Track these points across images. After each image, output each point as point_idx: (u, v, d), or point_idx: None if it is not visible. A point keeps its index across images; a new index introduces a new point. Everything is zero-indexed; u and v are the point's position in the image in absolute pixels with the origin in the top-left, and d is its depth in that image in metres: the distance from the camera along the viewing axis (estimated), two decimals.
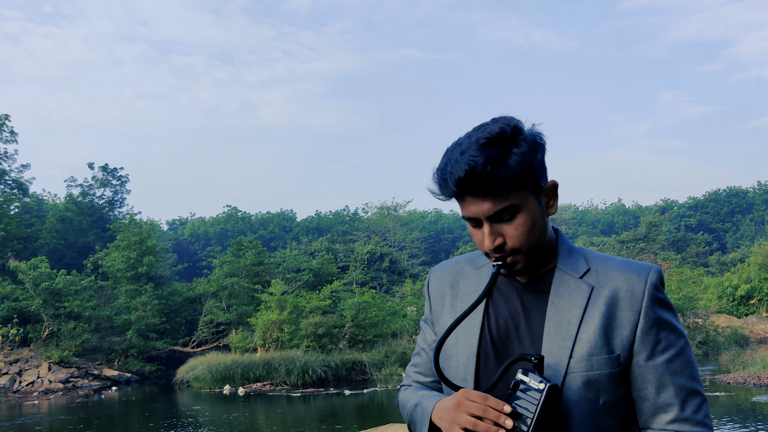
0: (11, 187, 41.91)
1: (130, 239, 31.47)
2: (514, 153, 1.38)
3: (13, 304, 25.95)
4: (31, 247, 36.77)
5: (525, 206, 1.41)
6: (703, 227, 72.57)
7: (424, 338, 1.70)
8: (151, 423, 16.83)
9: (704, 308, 28.93)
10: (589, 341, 1.40)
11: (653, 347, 1.42)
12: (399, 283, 42.25)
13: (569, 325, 1.42)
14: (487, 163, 1.35)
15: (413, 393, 1.64)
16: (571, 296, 1.45)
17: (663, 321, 1.43)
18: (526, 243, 1.42)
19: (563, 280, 1.48)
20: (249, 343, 25.69)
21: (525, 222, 1.41)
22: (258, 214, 76.71)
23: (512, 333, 1.48)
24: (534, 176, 1.42)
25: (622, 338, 1.41)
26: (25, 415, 18.25)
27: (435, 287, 1.68)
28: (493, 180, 1.36)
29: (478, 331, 1.51)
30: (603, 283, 1.45)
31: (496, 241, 1.42)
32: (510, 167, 1.37)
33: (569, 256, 1.51)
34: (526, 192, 1.41)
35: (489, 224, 1.42)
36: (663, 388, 1.41)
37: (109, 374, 25.50)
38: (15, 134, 41.14)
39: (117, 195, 47.40)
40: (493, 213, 1.40)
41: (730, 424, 12.58)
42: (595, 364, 1.39)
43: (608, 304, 1.43)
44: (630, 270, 1.46)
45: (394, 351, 25.11)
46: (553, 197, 1.48)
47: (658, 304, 1.43)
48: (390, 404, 18.14)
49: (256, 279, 32.57)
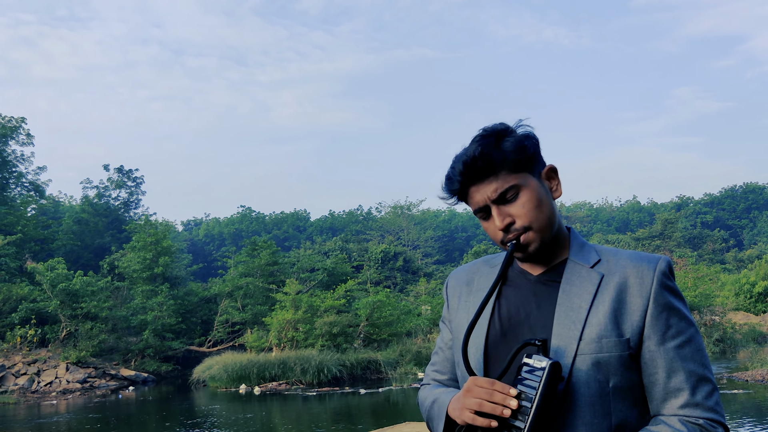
0: (28, 190, 42.30)
1: (146, 240, 31.67)
2: (507, 140, 1.51)
3: (31, 305, 26.18)
4: (48, 248, 37.12)
5: (527, 186, 1.50)
6: (720, 224, 72.02)
7: (441, 338, 1.77)
8: (167, 422, 16.93)
9: (721, 305, 28.70)
10: (599, 324, 1.44)
11: (664, 332, 1.44)
12: (413, 282, 42.24)
13: (579, 310, 1.46)
14: (482, 149, 1.48)
15: (431, 391, 1.70)
16: (582, 284, 1.50)
17: (673, 307, 1.46)
18: (536, 219, 1.50)
19: (575, 269, 1.53)
20: (264, 342, 25.78)
21: (530, 199, 1.50)
22: (272, 214, 77.01)
23: (523, 321, 1.53)
24: (529, 159, 1.52)
25: (632, 323, 1.45)
26: (44, 416, 18.42)
27: (452, 287, 1.75)
28: (489, 162, 1.48)
29: (486, 322, 1.57)
30: (613, 271, 1.50)
31: (506, 220, 1.50)
32: (504, 150, 1.49)
33: (581, 249, 1.57)
34: (525, 173, 1.51)
35: (496, 207, 1.51)
36: (674, 373, 1.43)
37: (126, 374, 25.68)
38: (31, 137, 41.52)
39: (132, 196, 47.72)
40: (496, 195, 1.49)
41: (748, 421, 12.48)
42: (605, 346, 1.43)
43: (618, 290, 1.47)
44: (640, 259, 1.51)
45: (408, 350, 25.11)
46: (554, 180, 1.57)
47: (668, 291, 1.47)
48: (405, 403, 18.14)
49: (271, 279, 32.68)
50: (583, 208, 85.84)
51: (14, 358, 24.80)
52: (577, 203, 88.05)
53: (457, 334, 1.65)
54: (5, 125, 40.32)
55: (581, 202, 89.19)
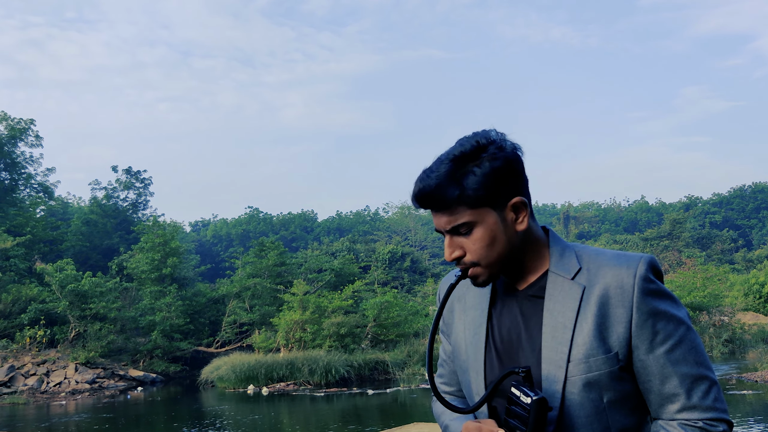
0: (37, 191, 42.51)
1: (154, 241, 31.77)
2: (472, 172, 1.43)
3: (40, 306, 26.31)
4: (57, 249, 37.28)
5: (482, 223, 1.45)
6: (729, 224, 71.67)
7: (443, 350, 1.76)
8: (176, 423, 16.98)
9: (730, 306, 28.56)
10: (584, 344, 1.42)
11: (651, 340, 1.41)
12: (420, 282, 42.22)
13: (564, 330, 1.44)
14: (437, 181, 1.43)
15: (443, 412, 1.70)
16: (565, 299, 1.46)
17: (658, 312, 1.42)
18: (485, 257, 1.47)
19: (556, 283, 1.49)
20: (272, 343, 25.82)
21: (482, 237, 1.45)
22: (279, 215, 77.10)
23: (515, 343, 1.51)
24: (493, 194, 1.44)
25: (618, 335, 1.42)
26: (53, 416, 18.50)
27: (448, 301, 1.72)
28: (443, 198, 1.43)
29: (483, 346, 1.55)
30: (594, 282, 1.45)
31: (454, 253, 1.48)
32: (464, 186, 1.43)
33: (562, 256, 1.52)
34: (485, 208, 1.45)
35: (449, 237, 1.48)
36: (666, 379, 1.41)
37: (135, 375, 25.77)
38: (40, 138, 41.71)
39: (140, 197, 47.86)
40: (449, 228, 1.46)
41: (757, 422, 12.42)
42: (593, 365, 1.41)
43: (599, 304, 1.43)
44: (619, 263, 1.45)
45: (416, 351, 25.09)
46: (522, 213, 1.48)
47: (651, 296, 1.42)
48: (413, 404, 18.14)
49: (279, 279, 32.73)
50: (591, 209, 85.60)
51: (24, 358, 24.93)
52: (585, 203, 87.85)
53: (457, 353, 1.63)
54: (14, 127, 40.52)
55: (589, 202, 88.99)
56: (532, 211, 1.53)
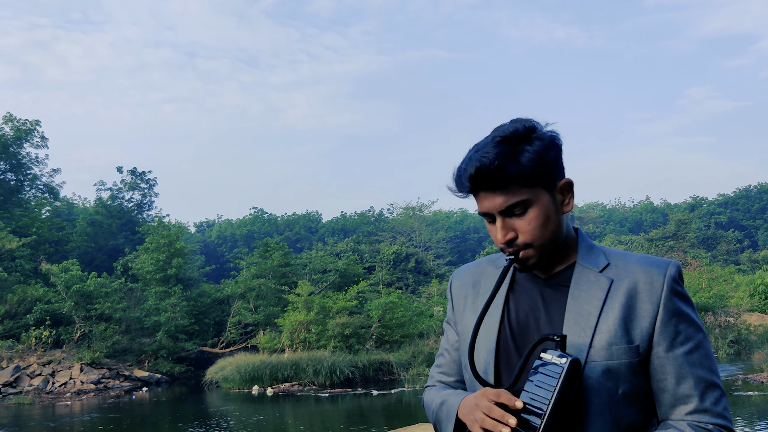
0: (42, 192, 42.64)
1: (159, 242, 31.83)
2: (526, 150, 1.44)
3: (46, 307, 26.38)
4: (63, 250, 37.38)
5: (537, 202, 1.46)
6: (734, 224, 71.48)
7: (446, 339, 1.75)
8: (180, 423, 17.01)
9: (736, 307, 28.48)
10: (608, 331, 1.43)
11: (673, 338, 1.44)
12: (425, 283, 42.21)
13: (589, 316, 1.45)
14: (496, 159, 1.42)
15: (437, 392, 1.68)
16: (591, 289, 1.48)
17: (682, 313, 1.45)
18: (539, 237, 1.47)
19: (583, 274, 1.51)
20: (277, 343, 25.84)
21: (537, 217, 1.46)
22: (284, 216, 77.21)
23: (532, 325, 1.51)
24: (546, 173, 1.46)
25: (642, 329, 1.44)
26: (59, 416, 18.55)
27: (457, 288, 1.72)
28: (502, 175, 1.42)
29: (497, 326, 1.55)
30: (622, 276, 1.48)
31: (508, 235, 1.47)
32: (521, 163, 1.43)
33: (589, 252, 1.55)
34: (538, 188, 1.46)
35: (501, 218, 1.47)
36: (683, 379, 1.43)
37: (140, 375, 25.82)
38: (45, 139, 41.84)
39: (145, 198, 47.96)
40: (504, 208, 1.45)
41: (762, 423, 12.38)
42: (615, 353, 1.42)
43: (628, 296, 1.45)
44: (649, 264, 1.49)
45: (421, 351, 25.10)
46: (568, 195, 1.52)
47: (677, 297, 1.46)
48: (418, 404, 18.13)
49: (283, 280, 32.76)
50: (595, 209, 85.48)
51: (29, 359, 25.00)
52: (590, 204, 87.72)
53: (465, 337, 1.63)
54: (20, 128, 40.65)
55: (594, 202, 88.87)
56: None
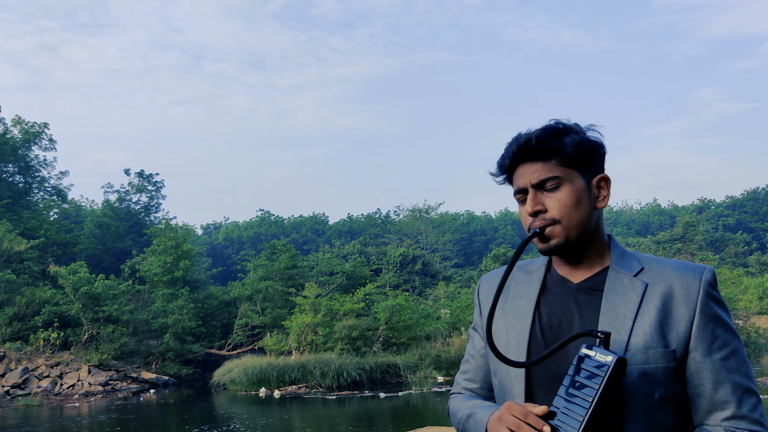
0: (51, 194, 42.83)
1: (166, 244, 31.89)
2: (571, 135, 1.51)
3: (54, 309, 26.45)
4: (70, 252, 37.50)
5: (571, 182, 1.49)
6: (742, 227, 71.12)
7: (473, 345, 1.73)
8: (188, 425, 17.02)
9: (744, 309, 28.38)
10: (645, 335, 1.42)
11: (710, 343, 1.42)
12: (432, 285, 42.17)
13: (624, 320, 1.44)
14: (541, 133, 1.50)
15: (464, 402, 1.65)
16: (626, 293, 1.47)
17: (719, 318, 1.44)
18: (567, 216, 1.48)
19: (617, 278, 1.50)
20: (284, 346, 25.84)
21: (568, 196, 1.48)
22: (291, 218, 77.26)
23: (565, 330, 1.49)
24: (585, 158, 1.50)
25: (678, 333, 1.42)
26: (67, 418, 18.60)
27: (485, 294, 1.71)
28: (543, 146, 1.48)
29: (528, 331, 1.53)
30: (657, 280, 1.47)
31: (537, 206, 1.49)
32: (563, 142, 1.49)
33: (622, 257, 1.54)
34: (575, 171, 1.49)
35: (533, 192, 1.50)
36: (720, 385, 1.41)
37: (147, 377, 25.86)
38: (54, 142, 42.04)
39: (153, 200, 48.11)
40: (537, 181, 1.49)
41: None
42: (651, 357, 1.40)
43: (663, 300, 1.44)
44: (684, 269, 1.48)
45: (428, 354, 25.06)
46: (603, 191, 1.54)
47: (714, 301, 1.45)
48: (425, 407, 18.11)
49: (290, 282, 32.78)
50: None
51: (37, 360, 25.07)
52: None
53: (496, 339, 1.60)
54: (28, 130, 40.84)
55: None
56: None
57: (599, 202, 1.52)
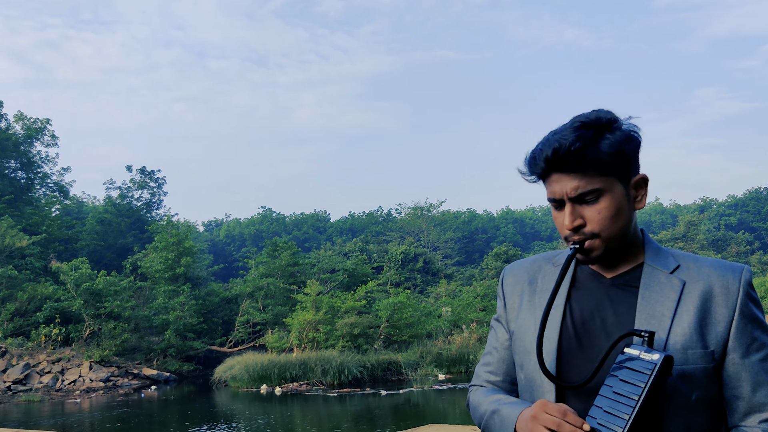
0: (52, 190, 42.86)
1: (168, 240, 31.90)
2: (606, 137, 1.40)
3: (55, 305, 26.47)
4: (72, 248, 37.51)
5: (610, 192, 1.41)
6: (744, 226, 71.03)
7: (495, 337, 1.67)
8: (188, 422, 17.03)
9: None
10: (684, 334, 1.38)
11: (749, 345, 1.40)
12: (433, 283, 42.16)
13: (662, 318, 1.40)
14: (577, 140, 1.38)
15: (487, 396, 1.59)
16: (663, 290, 1.43)
17: (757, 319, 1.42)
18: (607, 229, 1.42)
19: (653, 275, 1.46)
20: (285, 343, 25.85)
21: (608, 207, 1.41)
22: (292, 215, 77.28)
23: (598, 325, 1.45)
24: (624, 164, 1.42)
25: (717, 334, 1.39)
26: (68, 414, 18.61)
27: (510, 285, 1.66)
28: (580, 158, 1.38)
29: (558, 326, 1.48)
30: (695, 279, 1.43)
31: (576, 221, 1.42)
32: (600, 150, 1.39)
33: (657, 254, 1.49)
34: (613, 178, 1.42)
35: (571, 204, 1.42)
36: (759, 387, 1.38)
37: (149, 373, 25.88)
38: (56, 138, 42.06)
39: (154, 197, 48.11)
40: (576, 194, 1.40)
41: None
42: (690, 358, 1.37)
43: (703, 299, 1.41)
44: (723, 268, 1.45)
45: (429, 351, 25.07)
46: (642, 191, 1.47)
47: (752, 302, 1.42)
48: (426, 405, 18.11)
49: (292, 279, 32.78)
50: None
51: (39, 356, 25.10)
52: None
53: (521, 335, 1.55)
54: (30, 126, 40.86)
55: None
56: None
57: (637, 204, 1.46)
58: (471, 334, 26.55)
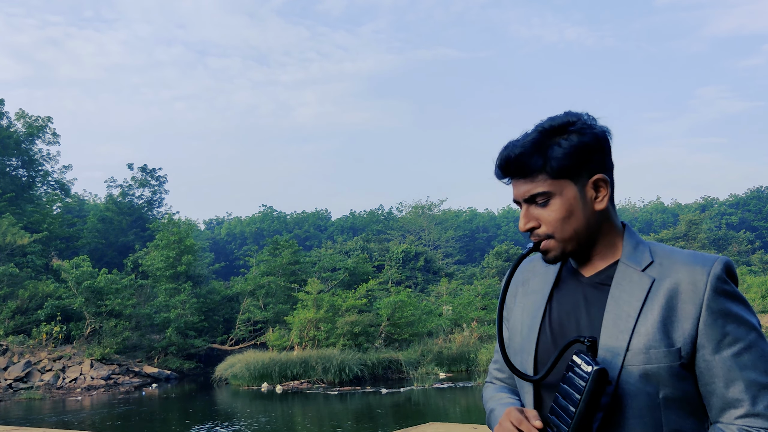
0: (54, 188, 42.91)
1: (169, 239, 31.92)
2: (558, 144, 1.45)
3: (57, 303, 26.51)
4: (73, 246, 37.57)
5: (561, 195, 1.46)
6: (745, 225, 70.97)
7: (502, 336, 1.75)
8: (189, 420, 17.05)
9: None
10: (647, 334, 1.39)
11: (719, 340, 1.38)
12: (434, 282, 42.16)
13: (627, 318, 1.41)
14: (522, 148, 1.45)
15: (492, 394, 1.72)
16: (632, 289, 1.44)
17: (729, 313, 1.39)
18: (560, 231, 1.47)
19: (626, 273, 1.47)
20: (286, 341, 25.87)
21: (559, 209, 1.46)
22: (293, 214, 77.24)
23: (573, 327, 1.49)
24: (577, 166, 1.45)
25: (684, 331, 1.39)
26: (69, 411, 18.64)
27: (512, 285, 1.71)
28: (525, 165, 1.45)
29: (537, 327, 1.54)
30: (665, 276, 1.43)
31: (529, 223, 1.49)
32: (548, 156, 1.44)
33: (635, 249, 1.50)
34: (565, 181, 1.46)
35: (525, 206, 1.49)
36: (732, 382, 1.37)
37: (149, 371, 25.91)
38: (57, 136, 42.11)
39: (155, 195, 48.15)
40: (527, 197, 1.48)
41: None
42: (653, 357, 1.37)
43: (668, 297, 1.41)
44: (694, 262, 1.43)
45: (430, 350, 25.08)
46: (602, 191, 1.48)
47: (723, 296, 1.39)
48: (427, 403, 18.12)
49: (293, 278, 32.80)
50: None
51: (40, 354, 25.14)
52: None
53: (513, 335, 1.61)
54: (32, 124, 40.90)
55: None
56: (613, 197, 1.53)
57: (597, 204, 1.48)
58: (472, 332, 26.57)
